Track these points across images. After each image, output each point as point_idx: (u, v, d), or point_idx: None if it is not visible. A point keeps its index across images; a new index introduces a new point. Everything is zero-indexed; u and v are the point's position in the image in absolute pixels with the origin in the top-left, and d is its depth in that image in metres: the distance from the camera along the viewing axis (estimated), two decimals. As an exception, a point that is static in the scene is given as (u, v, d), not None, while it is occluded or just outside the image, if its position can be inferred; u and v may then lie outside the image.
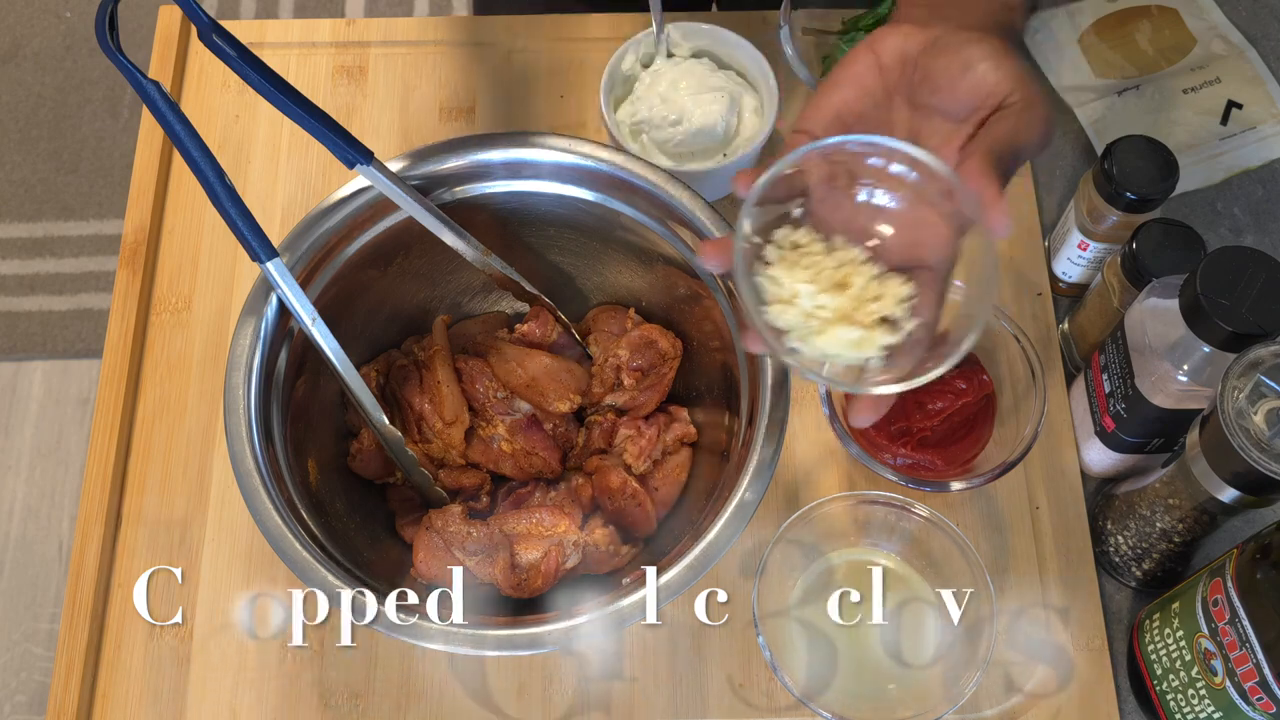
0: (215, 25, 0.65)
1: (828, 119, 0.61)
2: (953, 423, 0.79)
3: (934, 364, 0.58)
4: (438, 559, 0.74)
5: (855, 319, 0.58)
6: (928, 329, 0.59)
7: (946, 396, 0.78)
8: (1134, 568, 0.78)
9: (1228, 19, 0.98)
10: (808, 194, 0.60)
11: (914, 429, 0.78)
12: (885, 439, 0.79)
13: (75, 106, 1.95)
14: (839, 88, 0.61)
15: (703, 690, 0.78)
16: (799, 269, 0.58)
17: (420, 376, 0.81)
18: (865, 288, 0.59)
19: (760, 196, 0.57)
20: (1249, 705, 0.64)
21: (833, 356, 0.59)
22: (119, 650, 0.79)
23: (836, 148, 0.58)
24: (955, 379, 0.79)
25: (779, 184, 0.58)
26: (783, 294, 0.58)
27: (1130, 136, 0.77)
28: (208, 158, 0.65)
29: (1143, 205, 0.77)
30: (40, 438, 1.72)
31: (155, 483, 0.83)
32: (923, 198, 0.59)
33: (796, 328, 0.58)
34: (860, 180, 0.60)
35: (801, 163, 0.58)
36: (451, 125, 0.95)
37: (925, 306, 0.59)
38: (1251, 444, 0.62)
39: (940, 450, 0.79)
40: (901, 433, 0.78)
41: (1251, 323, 0.65)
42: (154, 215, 0.91)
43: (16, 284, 1.82)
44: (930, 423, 0.78)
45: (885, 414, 0.75)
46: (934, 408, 0.78)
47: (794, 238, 0.60)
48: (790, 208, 0.60)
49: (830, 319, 0.58)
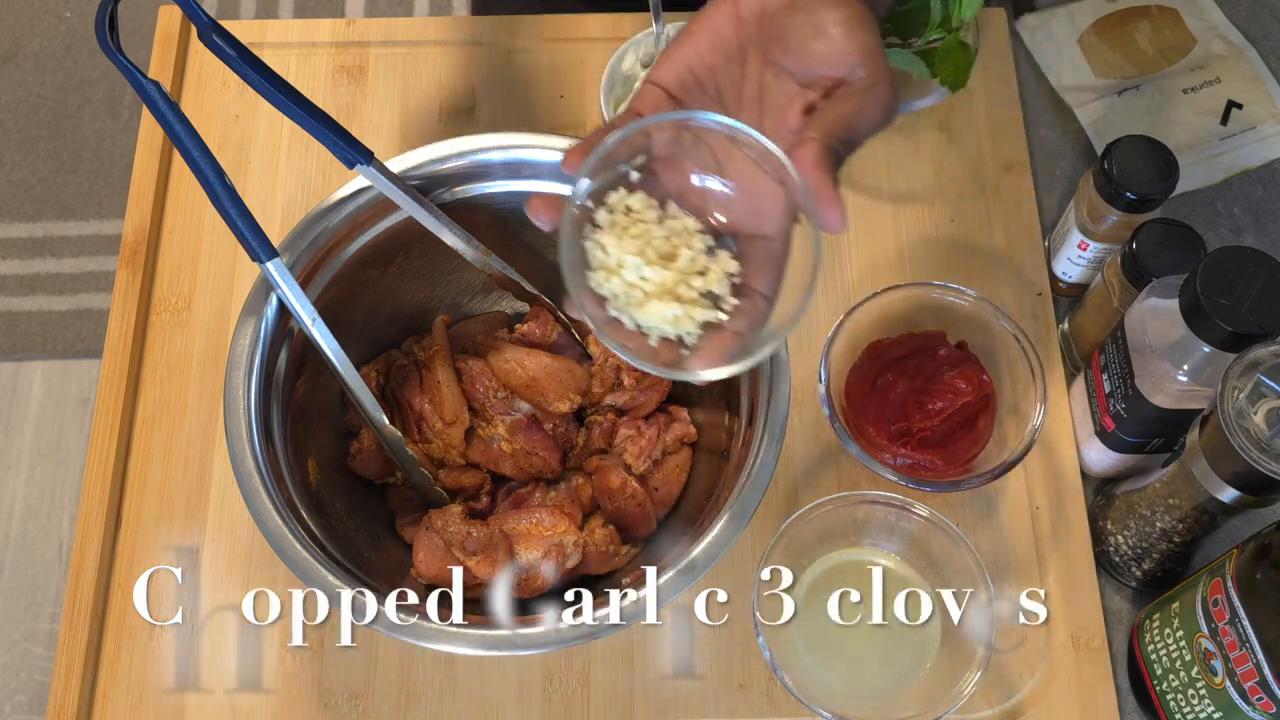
0: (215, 25, 0.65)
1: (680, 71, 0.59)
2: (953, 423, 0.79)
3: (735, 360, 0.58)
4: (438, 559, 0.74)
5: (677, 293, 0.57)
6: (763, 304, 0.58)
7: (946, 396, 0.78)
8: (1134, 568, 0.78)
9: (1228, 19, 0.98)
10: (649, 153, 0.59)
11: (914, 429, 0.78)
12: (885, 439, 0.79)
13: (75, 106, 1.95)
14: (694, 38, 0.60)
15: (703, 690, 0.78)
16: (628, 238, 0.57)
17: (420, 376, 0.81)
18: (693, 260, 0.58)
19: (592, 170, 0.56)
20: (1249, 705, 0.64)
21: (650, 329, 0.58)
22: (119, 650, 0.79)
23: (673, 123, 0.58)
24: (955, 379, 0.79)
25: (620, 146, 0.57)
26: (608, 262, 0.57)
27: (1130, 136, 0.77)
28: (207, 158, 0.65)
29: (1143, 205, 0.77)
30: (40, 438, 1.72)
31: (155, 483, 0.83)
32: (764, 169, 0.58)
33: (619, 297, 0.57)
34: (700, 145, 0.59)
35: (633, 136, 0.57)
36: (451, 125, 0.95)
37: (759, 280, 0.58)
38: (1251, 444, 0.62)
39: (940, 450, 0.79)
40: (901, 433, 0.78)
41: (1251, 323, 0.65)
42: (154, 215, 0.91)
43: (16, 284, 1.82)
44: (930, 423, 0.78)
45: (886, 414, 0.75)
46: (934, 408, 0.78)
47: (628, 201, 0.58)
48: (629, 168, 0.59)
49: (652, 292, 0.57)
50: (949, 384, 0.79)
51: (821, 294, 0.88)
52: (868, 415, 0.80)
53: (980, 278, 0.89)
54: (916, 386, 0.79)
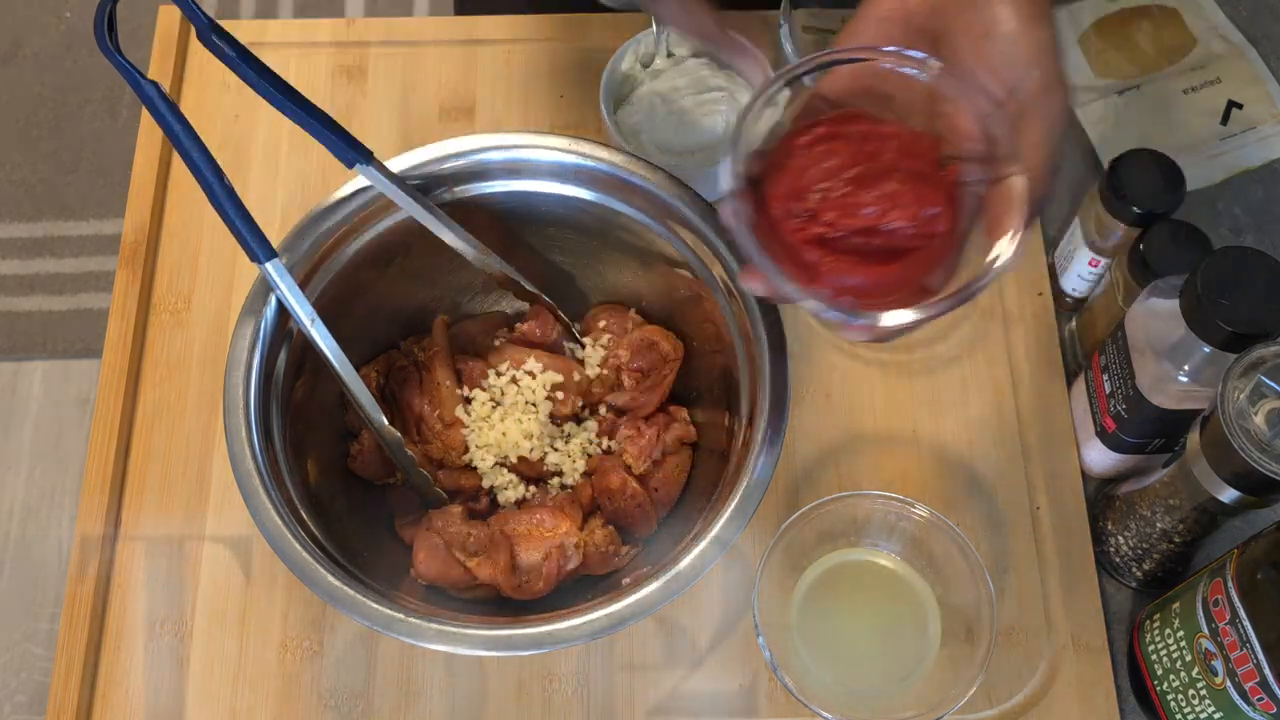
0: (214, 25, 0.65)
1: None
2: (869, 243, 0.56)
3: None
4: (438, 559, 0.74)
5: None
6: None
7: (881, 203, 0.55)
8: (1134, 568, 0.78)
9: (1228, 19, 0.98)
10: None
11: (819, 214, 0.56)
12: (780, 213, 0.56)
13: (75, 106, 1.95)
14: (858, 39, 0.57)
15: (702, 690, 0.78)
16: None
17: (420, 377, 0.81)
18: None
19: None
20: (1249, 706, 0.64)
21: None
22: (119, 650, 0.79)
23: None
24: (905, 193, 0.55)
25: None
26: None
27: (1134, 151, 0.78)
28: (207, 158, 0.64)
29: (1151, 219, 0.77)
30: (40, 438, 1.72)
31: (155, 483, 0.83)
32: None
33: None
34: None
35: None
36: (451, 125, 0.95)
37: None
38: (1252, 444, 0.62)
39: (838, 259, 0.56)
40: (793, 214, 0.56)
41: (1252, 323, 0.65)
42: (153, 215, 0.91)
43: (16, 284, 1.82)
44: (840, 219, 0.55)
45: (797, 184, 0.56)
46: (859, 208, 0.55)
47: None
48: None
49: None
50: (894, 194, 0.55)
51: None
52: (780, 181, 0.57)
53: (980, 278, 0.89)
54: (853, 173, 0.56)
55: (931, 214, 0.54)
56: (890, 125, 0.56)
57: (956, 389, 0.86)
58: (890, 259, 0.54)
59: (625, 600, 0.65)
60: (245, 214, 0.67)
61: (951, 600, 0.76)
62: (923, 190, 0.54)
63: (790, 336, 0.71)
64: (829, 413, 0.85)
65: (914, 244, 0.54)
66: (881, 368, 0.86)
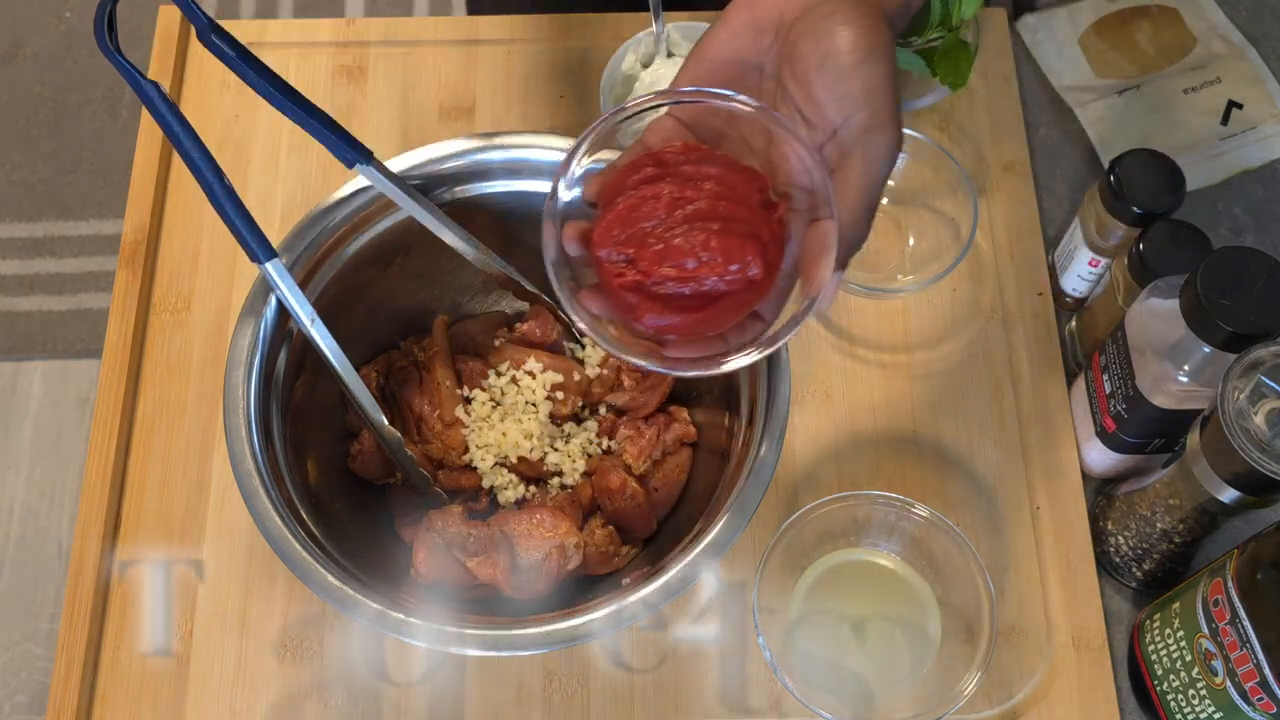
0: (214, 25, 0.65)
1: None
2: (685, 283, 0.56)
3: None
4: (438, 559, 0.74)
5: None
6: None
7: (693, 255, 0.55)
8: (1134, 568, 0.78)
9: (1228, 19, 0.98)
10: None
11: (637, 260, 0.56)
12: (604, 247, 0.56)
13: (75, 106, 1.95)
14: (704, 62, 0.57)
15: (703, 690, 0.78)
16: None
17: (420, 377, 0.81)
18: None
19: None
20: (1249, 706, 0.64)
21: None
22: (119, 650, 0.79)
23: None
24: (718, 241, 0.55)
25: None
26: None
27: (1134, 150, 0.78)
28: (206, 158, 0.64)
29: (1151, 219, 0.77)
30: (40, 438, 1.72)
31: (155, 483, 0.83)
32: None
33: None
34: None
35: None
36: (451, 125, 0.95)
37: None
38: (1252, 444, 0.62)
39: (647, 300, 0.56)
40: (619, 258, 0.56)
41: (1252, 323, 0.65)
42: (154, 215, 0.91)
43: (16, 284, 1.82)
44: (650, 266, 0.55)
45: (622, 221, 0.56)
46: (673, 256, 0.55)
47: None
48: None
49: None
50: (706, 245, 0.54)
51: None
52: (606, 222, 0.56)
53: (980, 277, 0.89)
54: (673, 219, 0.55)
55: (739, 268, 0.55)
56: (718, 163, 0.56)
57: (956, 389, 0.86)
58: (707, 303, 0.56)
59: (625, 600, 0.65)
60: (245, 214, 0.67)
61: (951, 600, 0.76)
62: (732, 244, 0.54)
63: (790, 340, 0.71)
64: (829, 413, 0.85)
65: (730, 288, 0.55)
66: (881, 368, 0.86)
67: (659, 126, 0.58)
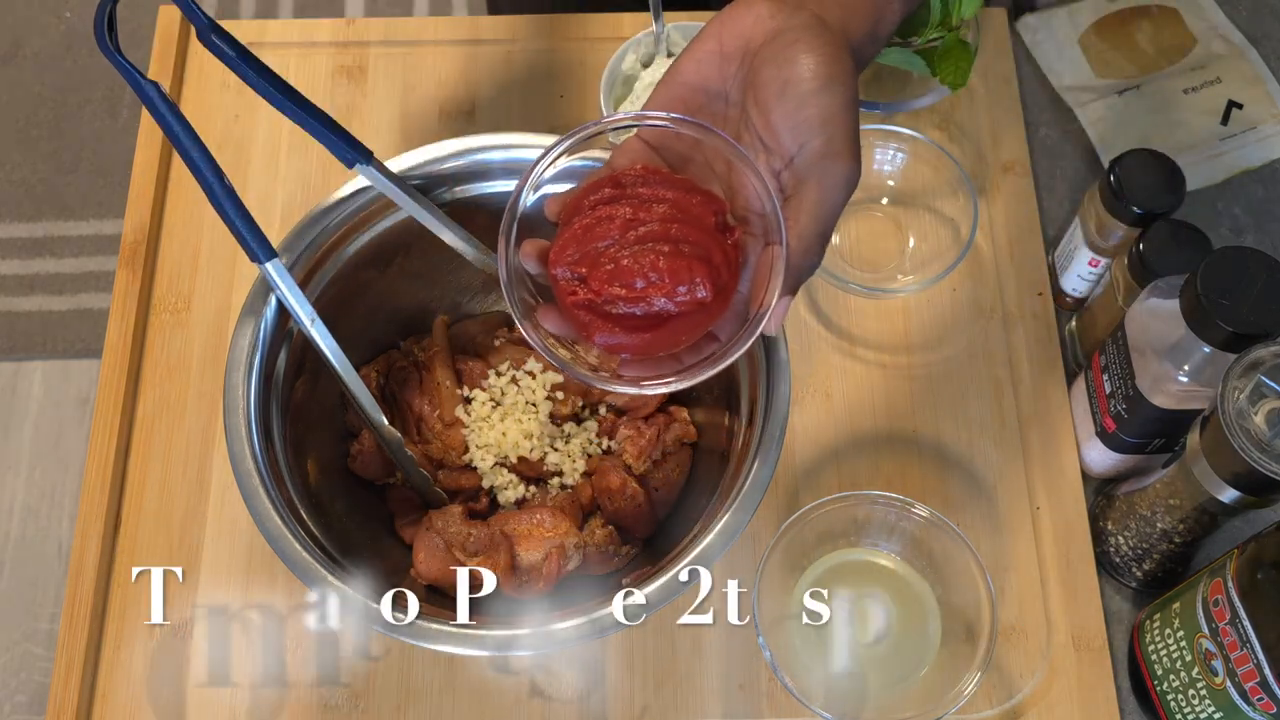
0: (214, 25, 0.65)
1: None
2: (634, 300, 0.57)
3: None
4: (438, 559, 0.74)
5: None
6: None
7: (644, 275, 0.56)
8: (1134, 568, 0.78)
9: (1228, 19, 0.98)
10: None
11: (587, 278, 0.57)
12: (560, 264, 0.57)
13: (75, 106, 1.95)
14: (673, 87, 0.58)
15: (703, 690, 0.78)
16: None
17: (420, 377, 0.81)
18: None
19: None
20: (1249, 705, 0.64)
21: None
22: (119, 650, 0.79)
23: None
24: (666, 263, 0.56)
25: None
26: None
27: (1134, 151, 0.78)
28: (206, 158, 0.64)
29: (1152, 219, 0.77)
30: (40, 438, 1.72)
31: (155, 483, 0.83)
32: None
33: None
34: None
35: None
36: (451, 125, 0.95)
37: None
38: (1252, 444, 0.62)
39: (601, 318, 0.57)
40: (574, 277, 0.57)
41: (1252, 323, 0.65)
42: (154, 215, 0.91)
43: (16, 284, 1.82)
44: (602, 285, 0.56)
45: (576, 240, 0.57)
46: (622, 277, 0.56)
47: None
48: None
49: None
50: (655, 268, 0.55)
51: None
52: (562, 240, 0.57)
53: (981, 277, 0.89)
54: (629, 238, 0.56)
55: (687, 289, 0.55)
56: (676, 187, 0.57)
57: (956, 389, 0.86)
58: (657, 323, 0.57)
59: (625, 600, 0.65)
60: (245, 214, 0.67)
61: (951, 600, 0.76)
62: (680, 266, 0.55)
63: (790, 336, 0.71)
64: (829, 413, 0.85)
65: (680, 309, 0.56)
66: (881, 368, 0.86)
67: (627, 148, 0.59)
